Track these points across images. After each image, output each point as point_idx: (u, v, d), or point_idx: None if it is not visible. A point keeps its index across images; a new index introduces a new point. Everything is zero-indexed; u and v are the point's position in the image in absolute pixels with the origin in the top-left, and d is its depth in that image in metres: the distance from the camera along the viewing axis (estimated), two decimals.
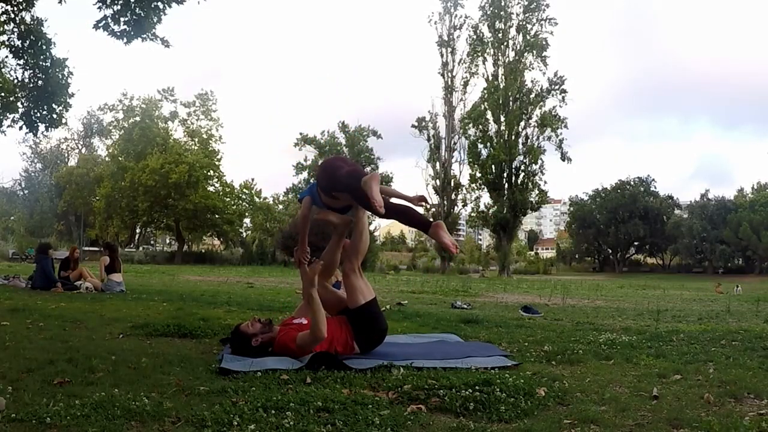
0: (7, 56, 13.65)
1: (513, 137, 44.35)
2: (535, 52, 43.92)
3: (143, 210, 43.78)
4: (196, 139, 47.17)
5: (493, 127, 45.12)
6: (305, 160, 52.87)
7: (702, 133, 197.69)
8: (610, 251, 72.13)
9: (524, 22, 44.63)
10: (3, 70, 13.43)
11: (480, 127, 45.21)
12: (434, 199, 47.79)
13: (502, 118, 44.39)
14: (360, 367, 3.69)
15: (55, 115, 14.05)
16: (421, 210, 4.59)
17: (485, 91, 45.00)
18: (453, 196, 47.63)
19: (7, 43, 13.32)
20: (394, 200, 4.10)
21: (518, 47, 44.68)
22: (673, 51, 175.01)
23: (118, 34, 10.72)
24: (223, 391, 3.06)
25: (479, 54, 45.68)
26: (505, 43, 45.12)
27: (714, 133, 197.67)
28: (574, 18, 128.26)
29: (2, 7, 12.92)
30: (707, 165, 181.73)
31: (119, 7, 10.55)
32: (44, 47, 13.52)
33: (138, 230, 56.53)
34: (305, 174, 53.05)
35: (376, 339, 4.29)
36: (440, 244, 3.77)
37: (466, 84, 46.89)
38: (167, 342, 4.75)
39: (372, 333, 4.25)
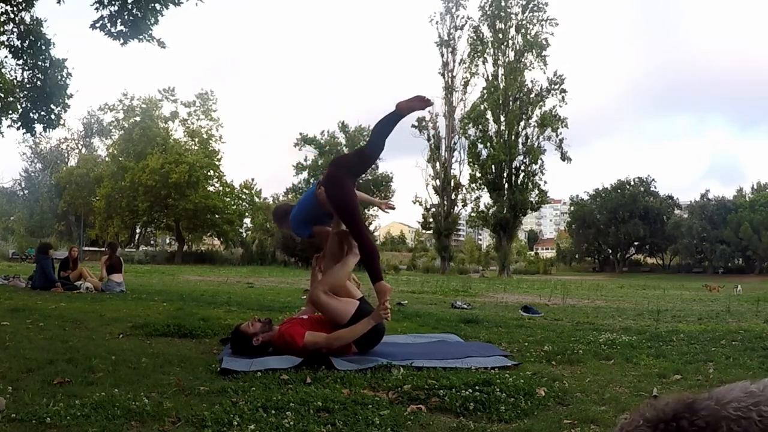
0: (6, 56, 13.65)
1: (513, 137, 44.35)
2: (534, 51, 43.93)
3: (143, 210, 43.76)
4: (196, 139, 47.13)
5: (493, 127, 45.12)
6: (305, 160, 52.85)
7: (716, 132, 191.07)
8: (610, 251, 72.07)
9: (524, 22, 44.64)
10: (2, 70, 13.41)
11: (480, 127, 45.19)
12: (434, 199, 47.88)
13: (502, 118, 44.38)
14: (360, 367, 3.69)
15: (53, 116, 14.02)
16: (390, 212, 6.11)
17: (485, 91, 44.98)
18: (453, 196, 47.60)
19: (6, 43, 13.30)
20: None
21: (518, 47, 44.67)
22: (688, 47, 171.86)
23: (115, 34, 10.72)
24: (223, 391, 3.06)
25: (479, 54, 45.67)
26: (505, 43, 45.10)
27: (729, 132, 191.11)
28: (587, 15, 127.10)
29: (2, 7, 12.91)
30: (720, 165, 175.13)
31: (116, 7, 10.56)
32: (43, 47, 13.50)
33: (138, 230, 56.49)
34: (305, 174, 53.07)
35: (373, 339, 4.26)
36: (379, 299, 4.22)
37: (466, 84, 46.89)
38: (167, 342, 4.75)
39: (366, 334, 4.22)
